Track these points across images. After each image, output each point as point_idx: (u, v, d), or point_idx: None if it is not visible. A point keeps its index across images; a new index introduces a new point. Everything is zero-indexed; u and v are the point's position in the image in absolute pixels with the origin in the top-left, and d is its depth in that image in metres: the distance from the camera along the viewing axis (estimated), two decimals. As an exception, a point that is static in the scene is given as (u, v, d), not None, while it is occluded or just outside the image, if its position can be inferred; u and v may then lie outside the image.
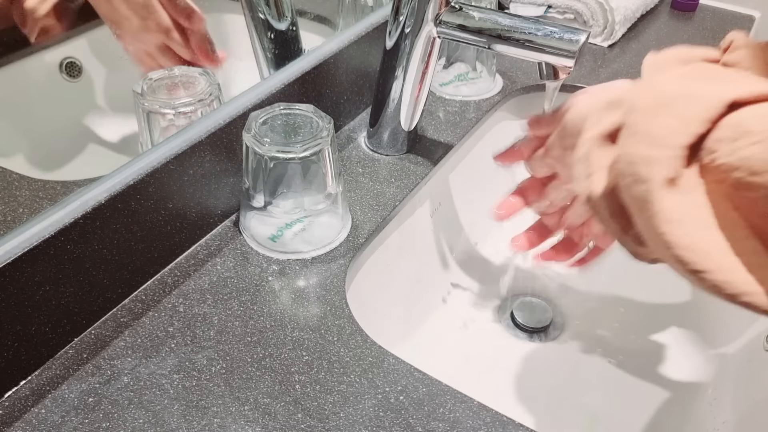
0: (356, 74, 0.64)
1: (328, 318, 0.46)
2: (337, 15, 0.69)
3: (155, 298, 0.47)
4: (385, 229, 0.56)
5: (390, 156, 0.62)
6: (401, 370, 0.42)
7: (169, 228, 0.49)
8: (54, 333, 0.42)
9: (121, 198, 0.44)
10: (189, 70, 0.51)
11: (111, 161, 0.49)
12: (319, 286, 0.48)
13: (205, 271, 0.49)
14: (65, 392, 0.41)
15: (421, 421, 0.39)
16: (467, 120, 0.68)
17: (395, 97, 0.58)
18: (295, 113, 0.50)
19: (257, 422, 0.39)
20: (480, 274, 0.67)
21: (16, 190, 0.43)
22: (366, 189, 0.58)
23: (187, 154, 0.48)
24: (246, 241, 0.52)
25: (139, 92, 0.48)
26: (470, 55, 0.70)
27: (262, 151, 0.47)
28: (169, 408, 0.40)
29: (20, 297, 0.40)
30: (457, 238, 0.67)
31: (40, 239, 0.39)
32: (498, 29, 0.51)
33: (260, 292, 0.48)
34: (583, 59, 0.80)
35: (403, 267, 0.60)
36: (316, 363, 0.43)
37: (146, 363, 0.42)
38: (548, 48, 0.49)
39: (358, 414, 0.40)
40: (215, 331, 0.45)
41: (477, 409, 0.40)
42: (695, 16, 0.92)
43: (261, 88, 0.54)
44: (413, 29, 0.54)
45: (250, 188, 0.49)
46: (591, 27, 0.83)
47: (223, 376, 0.42)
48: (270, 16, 0.58)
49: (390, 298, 0.58)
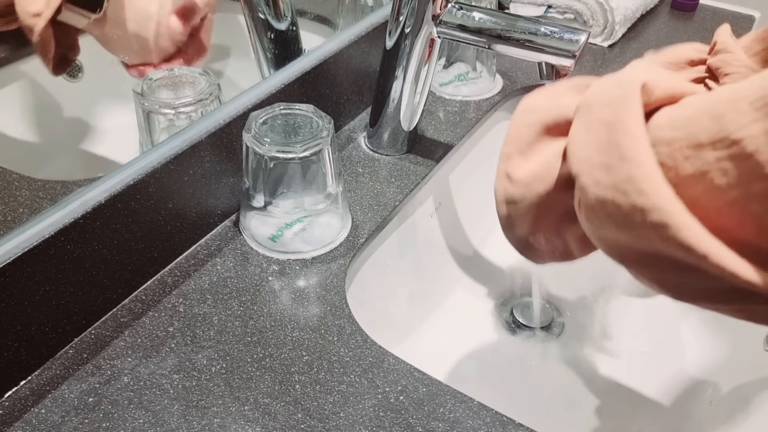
0: (356, 74, 0.64)
1: (328, 318, 0.46)
2: (337, 15, 0.69)
3: (155, 298, 0.47)
4: (385, 229, 0.56)
5: (390, 156, 0.62)
6: (401, 370, 0.42)
7: (169, 228, 0.49)
8: (54, 333, 0.42)
9: (121, 198, 0.44)
10: (189, 70, 0.51)
11: (111, 161, 0.49)
12: (319, 286, 0.48)
13: (205, 271, 0.49)
14: (65, 392, 0.41)
15: (421, 421, 0.39)
16: (467, 120, 0.68)
17: (395, 97, 0.58)
18: (295, 113, 0.50)
19: (257, 422, 0.39)
20: (480, 274, 0.67)
21: (16, 190, 0.43)
22: (366, 189, 0.58)
23: (187, 154, 0.48)
24: (246, 241, 0.52)
25: (139, 92, 0.48)
26: (470, 55, 0.70)
27: (262, 151, 0.47)
28: (169, 408, 0.40)
29: (20, 297, 0.40)
30: (457, 238, 0.67)
31: (40, 239, 0.39)
32: (498, 29, 0.51)
33: (260, 292, 0.48)
34: (583, 59, 0.80)
35: (403, 267, 0.60)
36: (316, 363, 0.43)
37: (146, 363, 0.42)
38: (548, 48, 0.49)
39: (358, 414, 0.40)
40: (215, 331, 0.45)
41: (477, 409, 0.40)
42: (695, 16, 0.92)
43: (261, 88, 0.54)
44: (413, 29, 0.54)
45: (250, 188, 0.49)
46: (591, 27, 0.83)
47: (223, 376, 0.42)
48: (270, 16, 0.58)
49: (390, 298, 0.58)
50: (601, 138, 0.26)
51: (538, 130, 0.33)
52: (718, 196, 0.23)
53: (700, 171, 0.23)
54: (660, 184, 0.24)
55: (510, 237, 0.37)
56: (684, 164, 0.24)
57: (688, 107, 0.25)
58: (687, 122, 0.24)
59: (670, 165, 0.24)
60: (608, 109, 0.27)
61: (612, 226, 0.26)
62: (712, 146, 0.23)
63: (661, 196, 0.23)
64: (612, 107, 0.27)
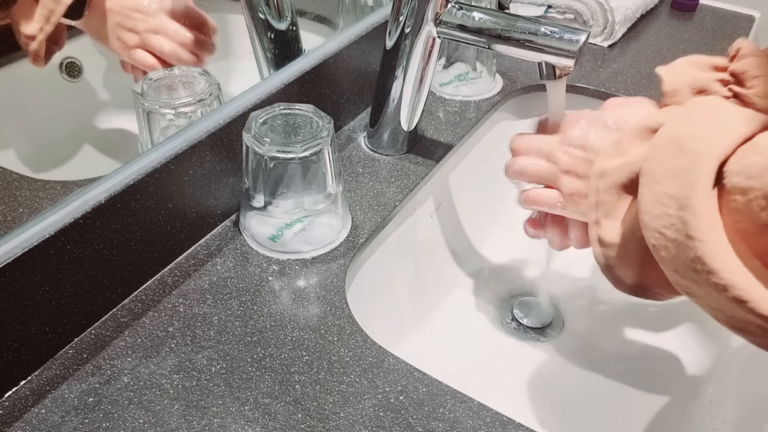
0: (356, 74, 0.64)
1: (328, 318, 0.46)
2: (337, 15, 0.69)
3: (155, 298, 0.47)
4: (385, 229, 0.56)
5: (390, 156, 0.62)
6: (401, 370, 0.42)
7: (169, 228, 0.49)
8: (54, 333, 0.42)
9: (121, 198, 0.44)
10: (189, 70, 0.51)
11: (111, 161, 0.49)
12: (319, 286, 0.48)
13: (205, 271, 0.49)
14: (65, 392, 0.41)
15: (421, 421, 0.39)
16: (467, 120, 0.68)
17: (395, 97, 0.58)
18: (295, 113, 0.50)
19: (257, 422, 0.39)
20: (480, 274, 0.67)
21: (16, 190, 0.43)
22: (366, 189, 0.58)
23: (187, 154, 0.48)
24: (246, 241, 0.52)
25: (139, 92, 0.48)
26: (470, 55, 0.70)
27: (262, 151, 0.47)
28: (169, 408, 0.40)
29: (20, 297, 0.40)
30: (457, 238, 0.67)
31: (40, 239, 0.39)
32: (498, 29, 0.51)
33: (260, 292, 0.48)
34: (583, 59, 0.80)
35: (403, 267, 0.60)
36: (316, 363, 0.43)
37: (146, 363, 0.42)
38: (548, 48, 0.49)
39: (358, 414, 0.40)
40: (215, 331, 0.45)
41: (477, 409, 0.40)
42: (695, 16, 0.92)
43: (261, 88, 0.54)
44: (413, 29, 0.54)
45: (250, 188, 0.49)
46: (591, 27, 0.83)
47: (223, 376, 0.42)
48: (270, 16, 0.58)
49: (390, 298, 0.58)
50: (669, 213, 0.27)
51: (616, 192, 0.34)
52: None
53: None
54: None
55: (623, 289, 0.38)
56: (761, 214, 0.24)
57: (760, 154, 0.25)
58: (762, 171, 0.24)
59: (748, 214, 0.25)
60: (675, 182, 0.28)
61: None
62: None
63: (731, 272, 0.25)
64: (679, 181, 0.27)
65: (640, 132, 0.34)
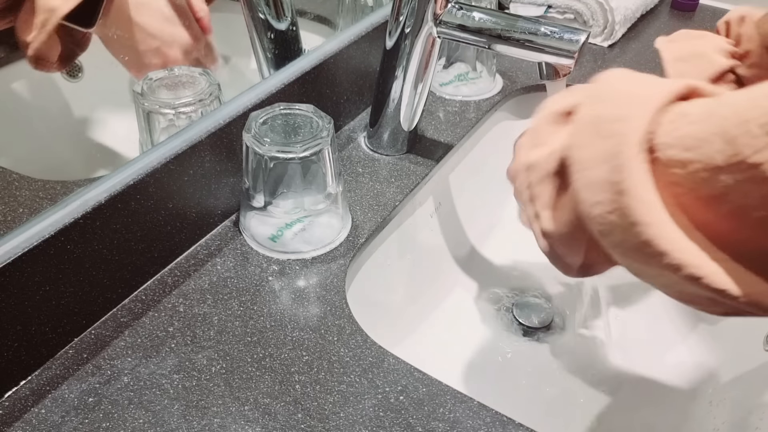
0: (356, 74, 0.64)
1: (328, 318, 0.46)
2: (337, 15, 0.69)
3: (155, 298, 0.47)
4: (385, 229, 0.56)
5: (390, 156, 0.62)
6: (401, 370, 0.42)
7: (169, 228, 0.49)
8: (54, 333, 0.42)
9: (121, 198, 0.44)
10: (189, 70, 0.51)
11: (111, 161, 0.49)
12: (319, 286, 0.48)
13: (205, 271, 0.49)
14: (65, 392, 0.41)
15: (421, 421, 0.39)
16: (467, 120, 0.68)
17: (395, 97, 0.58)
18: (295, 113, 0.50)
19: (257, 422, 0.39)
20: (480, 274, 0.67)
21: (16, 190, 0.43)
22: (366, 189, 0.58)
23: (187, 154, 0.48)
24: (246, 241, 0.52)
25: (139, 92, 0.48)
26: (470, 55, 0.70)
27: (262, 151, 0.47)
28: (169, 408, 0.40)
29: (20, 297, 0.40)
30: (457, 238, 0.67)
31: (40, 239, 0.39)
32: (498, 29, 0.51)
33: (260, 292, 0.48)
34: (583, 59, 0.80)
35: (403, 267, 0.60)
36: (316, 363, 0.43)
37: (146, 363, 0.42)
38: (548, 48, 0.49)
39: (358, 414, 0.40)
40: (215, 331, 0.45)
41: (477, 409, 0.40)
42: (695, 16, 0.92)
43: (261, 88, 0.54)
44: (413, 29, 0.54)
45: (250, 188, 0.49)
46: (591, 27, 0.83)
47: (223, 376, 0.42)
48: (270, 16, 0.58)
49: (390, 298, 0.59)
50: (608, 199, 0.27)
51: (549, 182, 0.33)
52: (741, 216, 0.24)
53: (720, 193, 0.24)
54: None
55: (572, 274, 0.37)
56: (702, 186, 0.24)
57: (693, 124, 0.25)
58: (698, 143, 0.24)
59: (689, 186, 0.25)
60: (604, 167, 0.27)
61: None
62: (730, 169, 0.23)
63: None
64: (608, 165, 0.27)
65: (554, 117, 0.33)
